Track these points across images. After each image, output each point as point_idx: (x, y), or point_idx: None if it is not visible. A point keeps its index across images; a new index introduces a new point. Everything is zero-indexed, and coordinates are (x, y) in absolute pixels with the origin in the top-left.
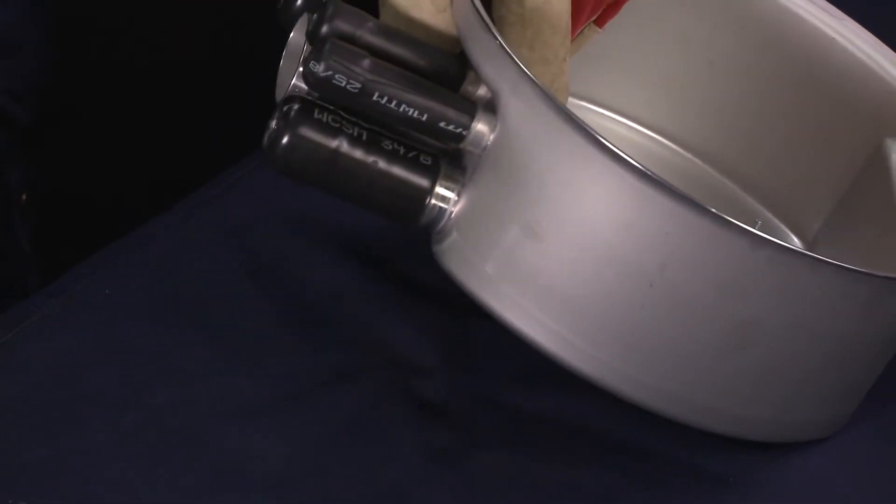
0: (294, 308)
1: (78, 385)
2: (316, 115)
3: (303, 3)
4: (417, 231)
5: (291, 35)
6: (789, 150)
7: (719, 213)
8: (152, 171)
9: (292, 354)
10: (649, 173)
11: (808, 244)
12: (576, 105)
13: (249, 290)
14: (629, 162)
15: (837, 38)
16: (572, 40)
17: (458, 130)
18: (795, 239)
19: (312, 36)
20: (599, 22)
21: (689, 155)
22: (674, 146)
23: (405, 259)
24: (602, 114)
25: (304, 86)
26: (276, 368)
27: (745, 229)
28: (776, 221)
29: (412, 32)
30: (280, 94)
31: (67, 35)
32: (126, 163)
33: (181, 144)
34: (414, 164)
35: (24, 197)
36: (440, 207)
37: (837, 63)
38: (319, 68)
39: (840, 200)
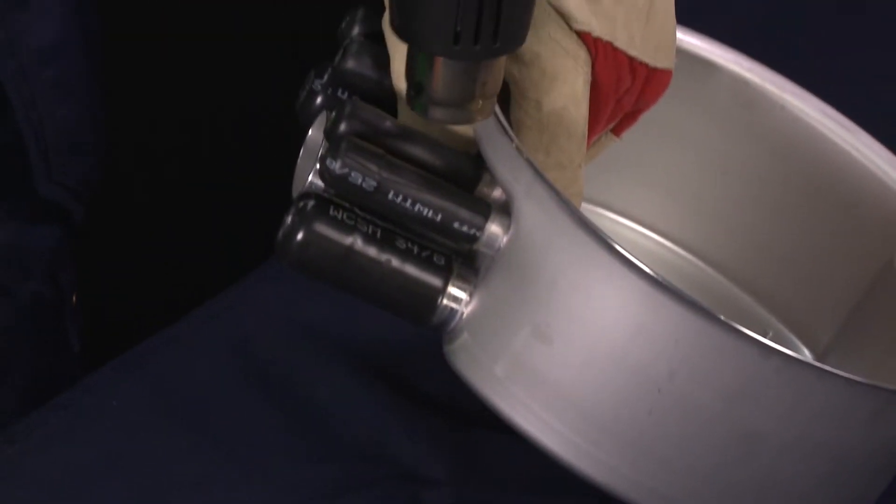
0: (300, 418)
1: (84, 498)
2: (331, 212)
3: (322, 100)
4: (429, 330)
5: (310, 133)
6: (801, 262)
7: (730, 322)
8: (180, 276)
9: (299, 465)
10: (660, 279)
11: (819, 356)
12: (589, 210)
13: (256, 401)
14: (641, 268)
15: (851, 150)
16: (589, 147)
17: (472, 231)
18: (806, 350)
19: (330, 133)
20: (617, 130)
21: (701, 263)
22: (686, 254)
23: (412, 369)
24: (615, 220)
25: (320, 183)
26: (283, 479)
27: (755, 338)
28: (787, 332)
29: (429, 133)
30: (297, 191)
31: (121, 135)
32: (153, 266)
33: (206, 252)
34: (427, 264)
35: (74, 298)
36: (452, 308)
37: (850, 176)
38: (336, 165)
39: (851, 312)
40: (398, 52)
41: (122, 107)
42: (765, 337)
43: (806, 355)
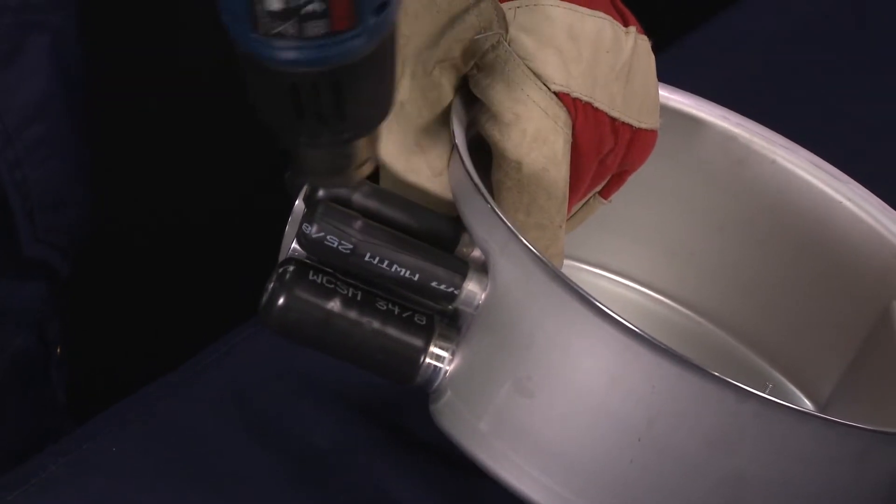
0: (298, 467)
1: None
2: (311, 277)
3: None
4: (413, 390)
5: (296, 203)
6: (799, 313)
7: (703, 367)
8: (166, 328)
9: None
10: (632, 327)
11: (821, 407)
12: (585, 270)
13: (255, 449)
14: (612, 316)
15: (844, 201)
16: (577, 210)
17: (450, 290)
18: (808, 402)
19: (308, 199)
20: (605, 193)
21: (700, 319)
22: (684, 310)
23: (409, 416)
24: (615, 280)
25: (302, 250)
26: None
27: (730, 382)
28: (788, 385)
29: (409, 196)
30: (281, 258)
31: (107, 191)
32: (143, 318)
33: (195, 303)
34: (408, 324)
35: (58, 350)
36: (435, 367)
37: (844, 226)
38: (312, 230)
39: (851, 363)
40: None
41: (108, 161)
42: (765, 391)
43: (808, 407)
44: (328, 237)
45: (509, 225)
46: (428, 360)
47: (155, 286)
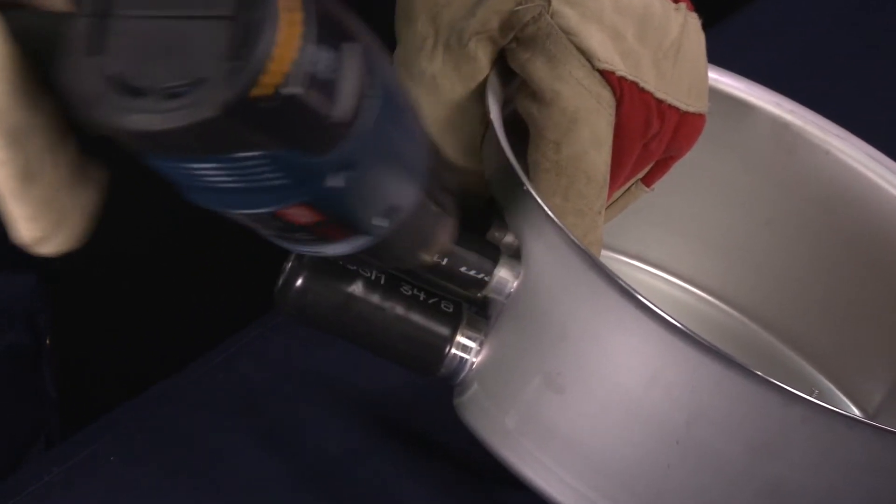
0: (308, 474)
1: None
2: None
3: None
4: (436, 382)
5: None
6: (849, 315)
7: (749, 367)
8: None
9: None
10: (675, 323)
11: (870, 417)
12: (621, 261)
13: (261, 455)
14: (654, 310)
15: None
16: (618, 196)
17: (481, 276)
18: (856, 410)
19: None
20: (648, 180)
21: (742, 317)
22: (726, 308)
23: (421, 420)
24: (653, 273)
25: None
26: None
27: (777, 385)
28: (835, 391)
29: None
30: None
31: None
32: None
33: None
34: (434, 312)
35: (48, 340)
36: (461, 358)
37: None
38: None
39: None
40: (409, 89)
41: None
42: (811, 395)
43: (855, 415)
44: None
45: (546, 208)
46: (454, 350)
47: (151, 281)
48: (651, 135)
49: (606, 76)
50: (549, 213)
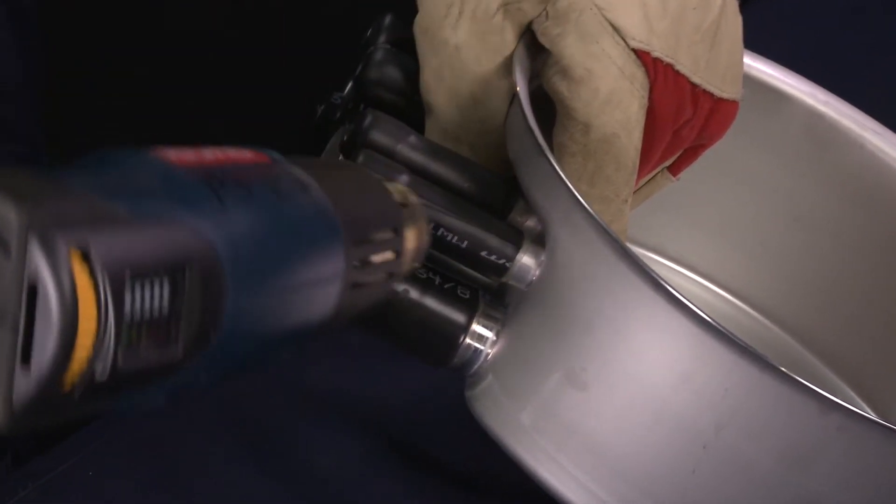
0: (297, 488)
1: None
2: None
3: (342, 116)
4: (449, 372)
5: (327, 147)
6: (877, 322)
7: (786, 371)
8: None
9: None
10: (710, 320)
11: None
12: (640, 254)
13: (250, 470)
14: (688, 306)
15: None
16: (642, 184)
17: (501, 262)
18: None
19: (346, 146)
20: (675, 169)
21: (764, 320)
22: (748, 309)
23: (413, 432)
24: (668, 266)
25: None
26: None
27: (814, 390)
28: (858, 400)
29: (460, 151)
30: None
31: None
32: None
33: None
34: (450, 297)
35: None
36: (476, 348)
37: None
38: None
39: None
40: (429, 59)
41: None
42: None
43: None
44: None
45: (574, 191)
46: (469, 339)
47: None
48: (683, 121)
49: (641, 56)
50: (580, 197)
